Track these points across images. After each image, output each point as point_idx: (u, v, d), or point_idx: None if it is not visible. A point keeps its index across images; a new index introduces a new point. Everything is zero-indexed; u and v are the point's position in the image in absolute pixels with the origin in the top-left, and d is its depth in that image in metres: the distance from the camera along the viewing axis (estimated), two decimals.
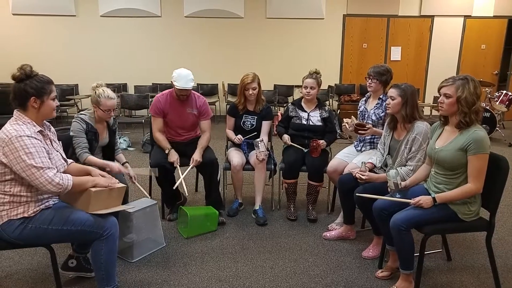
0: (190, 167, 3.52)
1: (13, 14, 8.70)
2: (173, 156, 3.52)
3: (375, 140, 3.49)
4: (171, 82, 3.50)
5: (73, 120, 3.07)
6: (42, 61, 8.62)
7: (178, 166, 3.47)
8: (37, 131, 2.16)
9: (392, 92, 2.86)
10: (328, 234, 3.39)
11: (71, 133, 3.02)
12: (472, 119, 2.34)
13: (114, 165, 2.97)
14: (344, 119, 3.46)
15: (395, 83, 2.93)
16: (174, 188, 3.49)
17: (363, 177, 2.88)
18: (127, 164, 3.33)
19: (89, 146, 3.05)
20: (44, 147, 2.15)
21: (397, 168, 2.76)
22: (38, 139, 2.13)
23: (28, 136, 2.08)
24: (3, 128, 2.11)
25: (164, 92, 3.70)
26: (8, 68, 2.15)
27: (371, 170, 3.03)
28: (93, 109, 3.14)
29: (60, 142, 2.47)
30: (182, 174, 3.40)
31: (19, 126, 2.11)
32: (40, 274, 2.79)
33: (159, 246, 3.19)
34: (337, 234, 3.37)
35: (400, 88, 2.84)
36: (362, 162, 3.03)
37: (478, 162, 2.31)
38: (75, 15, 8.86)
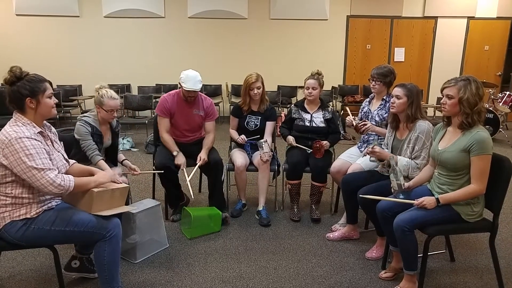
0: (197, 165, 3.52)
1: (17, 15, 8.74)
2: (180, 159, 3.53)
3: (378, 141, 3.48)
4: (179, 83, 3.50)
5: (78, 123, 3.05)
6: (46, 61, 8.66)
7: (184, 169, 3.46)
8: (37, 132, 2.15)
9: (398, 91, 2.86)
10: (331, 235, 3.39)
11: (76, 136, 3.02)
12: (474, 120, 2.34)
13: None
14: (348, 111, 3.47)
15: (400, 82, 2.93)
16: (188, 179, 3.36)
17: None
18: (126, 161, 3.34)
19: None
20: (44, 148, 2.14)
21: (407, 160, 2.79)
22: (38, 140, 2.12)
23: (28, 138, 2.06)
24: (2, 130, 2.10)
25: (171, 92, 3.70)
26: None
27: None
28: (96, 111, 3.13)
29: (62, 142, 2.46)
30: (189, 176, 3.38)
31: (19, 127, 2.10)
32: (43, 275, 2.79)
33: (162, 247, 3.19)
34: (341, 234, 3.36)
35: (406, 88, 2.84)
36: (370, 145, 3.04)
37: (481, 163, 2.31)
38: (78, 16, 8.89)
